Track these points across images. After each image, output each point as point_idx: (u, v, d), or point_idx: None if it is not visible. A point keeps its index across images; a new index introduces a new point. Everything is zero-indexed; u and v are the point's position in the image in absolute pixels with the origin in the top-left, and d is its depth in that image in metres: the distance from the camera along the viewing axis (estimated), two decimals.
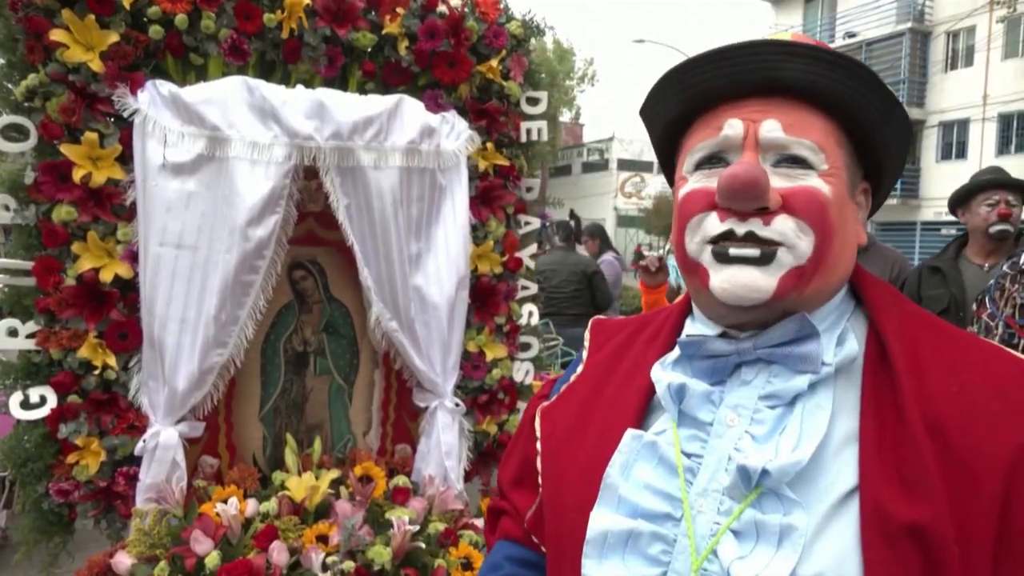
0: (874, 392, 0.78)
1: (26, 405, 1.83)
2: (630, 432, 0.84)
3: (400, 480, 2.15)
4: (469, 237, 2.25)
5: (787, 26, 27.95)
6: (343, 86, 2.14)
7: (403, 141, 2.07)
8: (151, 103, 1.85)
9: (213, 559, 1.75)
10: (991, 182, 3.15)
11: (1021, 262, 2.28)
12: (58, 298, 1.83)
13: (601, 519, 0.79)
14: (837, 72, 0.79)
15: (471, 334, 2.34)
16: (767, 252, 0.78)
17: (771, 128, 0.79)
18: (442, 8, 2.19)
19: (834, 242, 0.80)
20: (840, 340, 0.82)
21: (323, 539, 1.89)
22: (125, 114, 1.84)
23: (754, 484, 0.74)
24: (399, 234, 2.09)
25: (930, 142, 24.63)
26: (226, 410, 2.20)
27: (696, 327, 0.90)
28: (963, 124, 23.50)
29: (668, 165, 0.95)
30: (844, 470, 0.74)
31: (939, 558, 0.68)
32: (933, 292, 3.17)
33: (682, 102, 0.86)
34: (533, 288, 2.49)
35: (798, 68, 0.79)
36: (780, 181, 0.79)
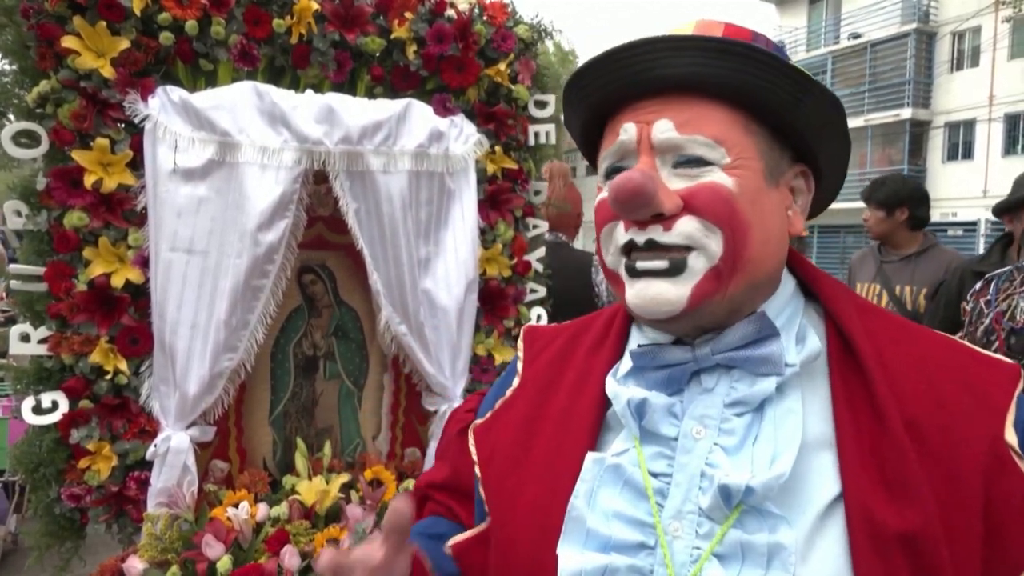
0: (844, 392, 0.74)
1: (38, 410, 1.83)
2: (591, 456, 0.77)
3: (410, 484, 2.16)
4: (478, 240, 2.25)
5: (792, 27, 27.90)
6: (352, 91, 2.14)
7: (412, 145, 2.08)
8: (162, 109, 1.86)
9: (225, 564, 1.75)
10: None
11: None
12: (69, 303, 1.83)
13: (572, 558, 0.72)
14: (727, 60, 0.74)
15: (480, 337, 2.34)
16: (676, 261, 0.74)
17: (664, 128, 0.75)
18: (450, 12, 2.19)
19: (750, 235, 0.74)
20: (800, 338, 0.78)
21: (334, 543, 1.88)
22: (136, 120, 1.84)
23: (736, 503, 0.69)
24: (408, 238, 2.09)
25: (936, 143, 24.55)
26: (236, 415, 2.20)
27: (646, 334, 0.86)
28: (969, 125, 23.41)
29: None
30: (824, 477, 0.70)
31: (930, 563, 0.65)
32: None
33: (587, 109, 0.83)
34: (542, 291, 2.49)
35: (684, 62, 0.75)
36: (680, 182, 0.75)
